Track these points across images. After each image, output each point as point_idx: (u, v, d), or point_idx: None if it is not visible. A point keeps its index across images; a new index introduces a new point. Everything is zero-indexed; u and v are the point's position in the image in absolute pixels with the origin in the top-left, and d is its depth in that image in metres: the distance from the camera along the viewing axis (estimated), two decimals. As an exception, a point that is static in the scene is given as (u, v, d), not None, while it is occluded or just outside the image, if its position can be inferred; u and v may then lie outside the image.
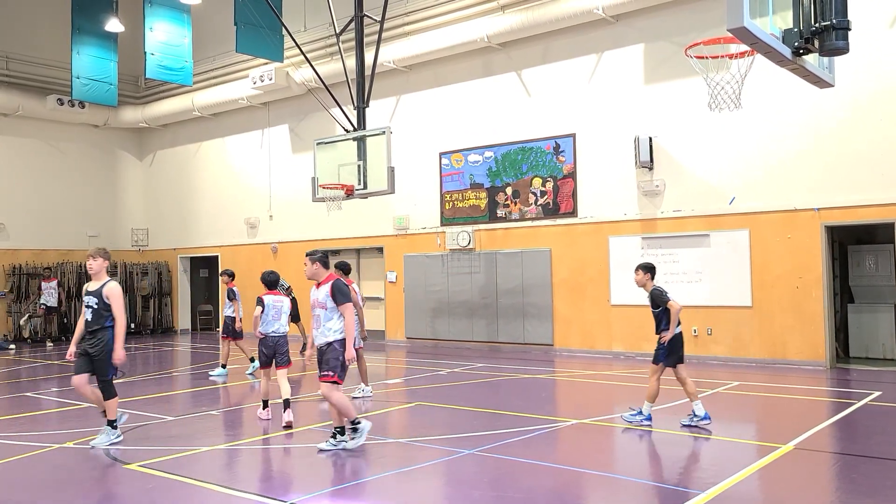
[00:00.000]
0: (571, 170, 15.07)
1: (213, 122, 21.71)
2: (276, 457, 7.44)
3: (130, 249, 23.35)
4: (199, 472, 6.59)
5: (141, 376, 13.13)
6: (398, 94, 17.75)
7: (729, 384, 10.88)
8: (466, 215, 16.52)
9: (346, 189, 13.41)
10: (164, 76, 18.83)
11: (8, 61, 20.50)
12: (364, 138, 13.46)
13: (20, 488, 6.32)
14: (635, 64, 14.40)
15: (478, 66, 16.45)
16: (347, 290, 7.43)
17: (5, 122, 20.67)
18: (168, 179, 23.28)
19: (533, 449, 7.24)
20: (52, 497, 6.04)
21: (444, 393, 10.73)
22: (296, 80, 18.65)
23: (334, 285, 7.24)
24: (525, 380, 11.85)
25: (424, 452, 7.21)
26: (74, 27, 19.02)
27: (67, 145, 22.09)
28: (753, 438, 7.95)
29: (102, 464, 7.05)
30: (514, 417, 8.68)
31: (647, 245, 14.07)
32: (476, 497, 5.80)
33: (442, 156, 16.94)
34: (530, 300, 15.47)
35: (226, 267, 17.41)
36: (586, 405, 9.85)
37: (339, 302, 7.20)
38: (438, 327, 16.85)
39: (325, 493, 5.93)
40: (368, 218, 17.80)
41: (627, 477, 6.34)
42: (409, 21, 17.15)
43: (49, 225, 21.43)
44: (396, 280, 17.62)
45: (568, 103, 15.18)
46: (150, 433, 8.31)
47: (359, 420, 7.30)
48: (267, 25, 17.24)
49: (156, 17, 18.43)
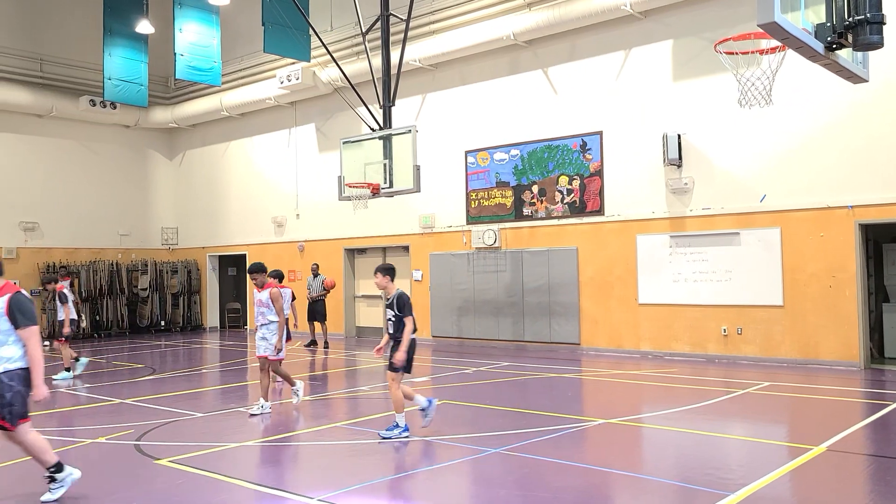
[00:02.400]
0: (598, 168, 14.97)
1: (241, 122, 21.92)
2: (303, 454, 7.48)
3: (160, 248, 23.67)
4: (227, 468, 6.66)
5: (171, 373, 13.28)
6: (424, 92, 17.76)
7: (759, 384, 10.73)
8: (492, 214, 16.49)
9: (372, 188, 13.45)
10: (194, 77, 19.05)
11: (42, 63, 20.88)
12: (390, 137, 13.48)
13: (53, 482, 6.42)
14: (664, 60, 14.25)
15: (503, 63, 16.41)
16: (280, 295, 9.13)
17: (39, 122, 21.06)
18: (197, 179, 23.56)
19: (560, 448, 7.20)
20: (86, 490, 6.14)
21: (469, 391, 10.72)
22: (322, 80, 18.75)
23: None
24: (551, 379, 11.80)
25: (450, 451, 7.20)
26: (106, 29, 19.34)
27: (99, 145, 22.45)
28: (784, 439, 7.82)
29: (135, 459, 7.16)
30: (541, 416, 8.65)
31: (675, 243, 13.93)
32: (502, 496, 5.79)
33: (468, 154, 16.93)
34: (557, 299, 15.40)
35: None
36: (614, 405, 9.77)
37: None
38: (464, 326, 16.84)
39: (352, 490, 5.95)
40: (394, 216, 17.85)
41: (655, 477, 6.28)
42: (434, 19, 17.16)
43: (81, 224, 21.80)
44: (422, 278, 17.64)
45: (595, 101, 15.08)
46: (180, 429, 8.41)
47: (62, 466, 5.91)
48: (294, 25, 17.35)
49: (185, 18, 18.65)
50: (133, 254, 22.84)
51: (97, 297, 21.14)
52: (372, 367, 13.61)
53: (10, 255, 20.31)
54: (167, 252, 23.72)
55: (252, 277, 9.39)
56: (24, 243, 20.66)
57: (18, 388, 5.63)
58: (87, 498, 5.98)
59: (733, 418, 8.72)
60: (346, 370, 13.72)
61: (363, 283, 19.20)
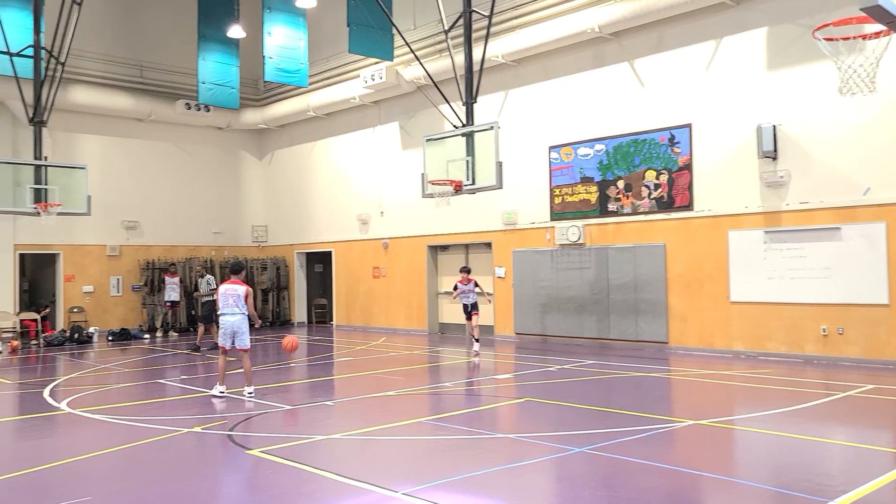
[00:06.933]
0: (687, 161, 14.52)
1: (327, 122, 22.40)
2: (387, 448, 7.57)
3: (251, 245, 24.50)
4: (314, 460, 6.81)
5: (261, 367, 13.73)
6: (506, 88, 17.67)
7: (862, 387, 10.16)
8: (576, 210, 16.25)
9: (454, 184, 13.48)
10: (282, 78, 19.61)
11: (142, 70, 21.94)
12: (472, 134, 13.48)
13: (154, 468, 6.75)
14: (757, 49, 13.68)
15: (588, 57, 16.13)
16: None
17: (140, 126, 22.14)
18: (285, 178, 24.24)
19: (646, 449, 7.02)
20: (181, 477, 6.42)
21: (553, 389, 10.60)
22: (405, 78, 18.94)
23: None
24: (638, 378, 11.53)
25: (534, 448, 7.14)
26: (200, 35, 20.17)
27: (194, 147, 23.42)
28: (890, 445, 7.37)
29: (227, 449, 7.42)
30: (627, 416, 8.46)
31: (770, 239, 13.36)
32: (587, 496, 5.69)
33: (551, 150, 16.74)
34: (643, 296, 15.05)
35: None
36: (704, 406, 9.46)
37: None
38: (548, 323, 16.68)
39: (436, 485, 5.97)
40: (477, 213, 17.85)
41: (748, 482, 6.03)
42: (517, 14, 17.03)
43: (178, 222, 22.81)
44: (505, 275, 17.58)
45: (684, 93, 14.63)
46: (270, 421, 8.67)
47: None
48: (378, 25, 17.59)
49: (274, 21, 19.21)
50: (225, 251, 23.73)
51: (193, 291, 22.03)
52: (454, 364, 13.66)
53: (113, 252, 21.46)
54: (257, 249, 24.52)
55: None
56: (127, 241, 21.79)
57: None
58: (182, 484, 6.25)
59: (833, 422, 8.30)
60: (429, 366, 13.83)
61: (446, 280, 19.29)
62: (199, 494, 6.02)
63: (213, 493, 6.17)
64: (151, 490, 6.03)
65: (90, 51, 20.51)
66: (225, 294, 10.32)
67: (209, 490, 6.19)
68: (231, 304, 10.23)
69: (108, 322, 20.94)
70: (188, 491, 6.07)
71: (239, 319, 10.24)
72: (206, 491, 6.15)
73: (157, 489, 6.04)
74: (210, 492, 6.17)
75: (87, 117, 21.03)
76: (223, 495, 6.12)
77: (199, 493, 6.06)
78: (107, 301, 21.33)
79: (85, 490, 6.12)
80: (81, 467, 6.82)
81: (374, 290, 21.03)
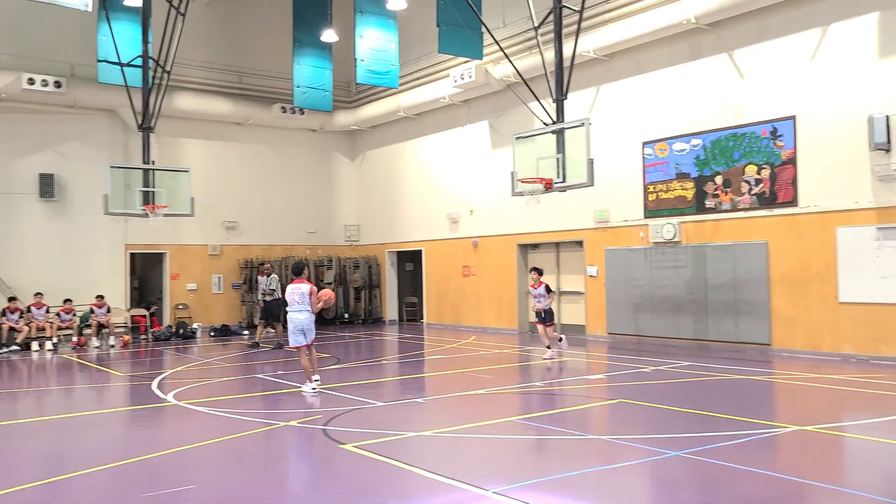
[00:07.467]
0: (791, 155, 13.85)
1: (417, 122, 22.62)
2: (478, 446, 7.56)
3: (344, 244, 25.05)
4: (405, 456, 6.87)
5: (354, 363, 13.99)
6: (598, 84, 17.34)
7: None
8: (671, 207, 15.77)
9: (544, 182, 13.34)
10: (373, 80, 19.94)
11: (241, 76, 22.80)
12: (563, 131, 13.30)
13: (251, 460, 6.99)
14: (868, 35, 12.89)
15: (683, 49, 15.63)
16: None
17: (238, 130, 23.03)
18: (376, 178, 24.65)
19: (747, 454, 6.72)
20: (278, 469, 6.61)
21: (648, 391, 10.32)
22: (494, 77, 18.89)
23: None
24: (738, 381, 11.07)
25: (628, 451, 6.97)
26: (295, 40, 20.77)
27: (289, 149, 24.16)
28: None
29: (322, 443, 7.60)
30: (726, 420, 8.14)
31: (883, 236, 12.56)
32: (683, 501, 5.50)
33: (644, 145, 16.31)
34: (743, 296, 14.45)
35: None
36: (810, 411, 8.99)
37: None
38: (641, 323, 16.27)
39: (528, 484, 5.91)
40: (567, 211, 17.60)
41: (859, 491, 5.68)
42: (609, 8, 16.67)
43: (274, 222, 23.59)
44: (597, 274, 17.27)
45: (786, 84, 13.95)
46: (362, 416, 8.82)
47: None
48: (467, 24, 17.61)
49: (365, 24, 19.55)
50: (319, 250, 24.35)
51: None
52: (544, 363, 13.50)
53: (214, 251, 22.41)
54: (350, 248, 25.05)
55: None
56: (227, 241, 22.70)
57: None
58: (279, 476, 6.43)
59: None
60: (519, 365, 13.73)
61: (536, 278, 19.10)
62: (294, 486, 6.19)
63: (307, 485, 6.33)
64: (251, 481, 6.23)
65: (193, 59, 21.46)
66: (291, 293, 10.63)
67: (304, 483, 6.36)
68: (297, 301, 10.52)
69: (210, 318, 21.87)
70: (284, 483, 6.25)
71: (307, 317, 10.51)
72: (301, 483, 6.32)
73: (257, 480, 6.24)
74: (305, 485, 6.33)
75: (191, 122, 22.04)
76: (317, 488, 6.26)
77: (295, 485, 6.23)
78: (209, 298, 22.29)
79: (190, 479, 6.39)
80: (186, 457, 7.14)
81: (463, 289, 21.10)
